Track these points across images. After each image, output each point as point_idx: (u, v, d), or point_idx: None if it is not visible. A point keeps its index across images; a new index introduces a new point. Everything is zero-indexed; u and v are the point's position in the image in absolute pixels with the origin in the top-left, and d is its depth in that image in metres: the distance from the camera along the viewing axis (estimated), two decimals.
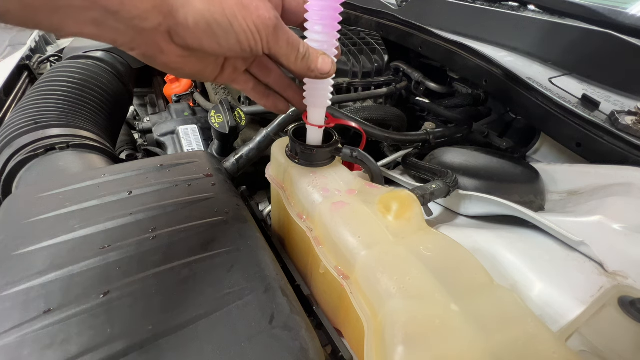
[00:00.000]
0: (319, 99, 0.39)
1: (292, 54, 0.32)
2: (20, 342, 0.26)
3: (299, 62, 0.32)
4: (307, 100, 0.40)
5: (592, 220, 0.43)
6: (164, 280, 0.32)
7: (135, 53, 0.28)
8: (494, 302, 0.30)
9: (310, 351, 0.29)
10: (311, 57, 0.33)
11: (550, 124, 0.62)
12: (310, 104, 0.40)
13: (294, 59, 0.32)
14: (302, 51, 0.32)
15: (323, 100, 0.39)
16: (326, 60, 0.34)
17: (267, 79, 0.40)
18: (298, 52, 0.32)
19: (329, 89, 0.39)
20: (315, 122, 0.41)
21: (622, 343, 0.31)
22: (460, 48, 0.79)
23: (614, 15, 0.78)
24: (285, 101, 0.42)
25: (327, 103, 0.40)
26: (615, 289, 0.36)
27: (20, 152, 0.56)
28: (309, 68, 0.33)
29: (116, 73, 0.94)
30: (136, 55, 0.28)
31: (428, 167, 0.58)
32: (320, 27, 0.34)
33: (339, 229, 0.35)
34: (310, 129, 0.42)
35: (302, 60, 0.32)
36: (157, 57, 0.28)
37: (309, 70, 0.33)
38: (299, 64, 0.33)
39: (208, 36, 0.27)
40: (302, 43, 0.33)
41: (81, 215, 0.38)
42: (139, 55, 0.28)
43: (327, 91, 0.39)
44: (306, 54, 0.32)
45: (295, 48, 0.32)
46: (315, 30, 0.34)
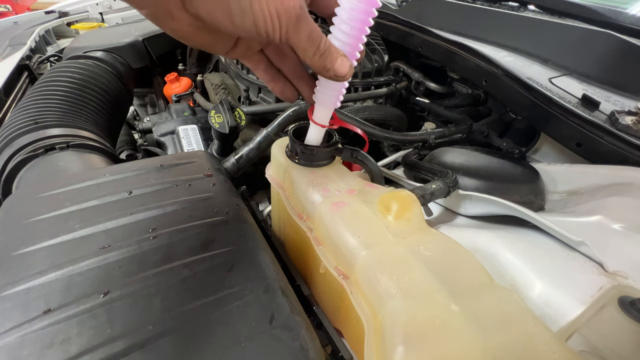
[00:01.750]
0: (329, 99, 0.38)
1: (311, 49, 0.30)
2: (20, 342, 0.26)
3: (316, 58, 0.31)
4: (316, 96, 0.38)
5: (592, 220, 0.43)
6: (164, 280, 0.32)
7: (144, 12, 0.26)
8: (494, 302, 0.30)
9: (310, 351, 0.29)
10: (330, 56, 0.31)
11: (550, 124, 0.62)
12: (319, 102, 0.38)
13: (311, 54, 0.30)
14: (322, 48, 0.30)
15: (333, 101, 0.38)
16: (345, 63, 0.32)
17: (281, 64, 0.38)
18: (318, 48, 0.30)
19: (342, 91, 0.37)
20: (319, 120, 0.40)
21: (622, 343, 0.31)
22: (460, 48, 0.79)
23: (614, 15, 0.78)
24: (294, 90, 0.40)
25: (337, 105, 0.39)
26: (615, 289, 0.36)
27: (20, 152, 0.56)
28: (325, 67, 0.31)
29: (116, 73, 0.94)
30: (145, 14, 0.26)
31: (428, 167, 0.58)
32: (347, 28, 0.32)
33: (339, 229, 0.35)
34: (312, 127, 0.41)
35: (321, 57, 0.31)
36: (167, 22, 0.27)
37: (324, 69, 0.32)
38: (316, 60, 0.31)
39: (222, 12, 0.26)
40: (325, 39, 0.31)
41: (81, 215, 0.38)
42: (148, 15, 0.26)
43: (339, 93, 0.37)
44: (326, 52, 0.31)
45: (316, 43, 0.30)
46: (341, 29, 0.32)
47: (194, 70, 1.25)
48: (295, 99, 0.40)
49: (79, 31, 1.58)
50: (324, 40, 0.30)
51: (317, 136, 0.42)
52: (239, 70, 0.86)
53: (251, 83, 0.83)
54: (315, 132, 0.42)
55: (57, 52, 1.25)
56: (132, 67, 1.09)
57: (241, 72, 0.85)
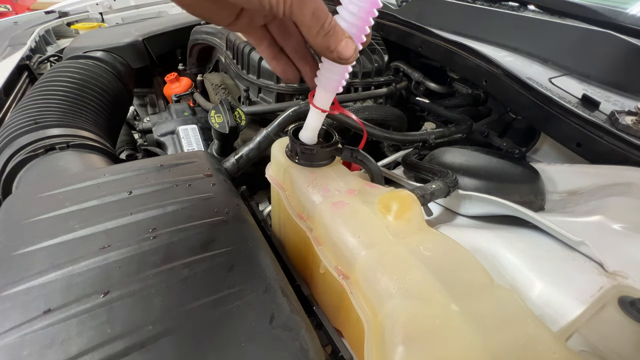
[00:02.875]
0: (332, 83, 0.36)
1: (315, 27, 0.29)
2: (20, 342, 0.26)
3: (319, 38, 0.29)
4: (318, 79, 0.36)
5: (592, 220, 0.43)
6: (164, 280, 0.32)
7: None
8: (494, 302, 0.30)
9: (310, 351, 0.29)
10: (335, 37, 0.30)
11: (550, 124, 0.62)
12: (321, 85, 0.37)
13: (315, 33, 0.29)
14: (327, 27, 0.29)
15: (336, 85, 0.36)
16: (349, 45, 0.30)
17: (284, 42, 0.37)
18: (322, 26, 0.29)
19: (345, 75, 0.35)
20: (320, 104, 0.38)
21: (622, 343, 0.31)
22: (460, 48, 0.79)
23: (614, 15, 0.78)
24: (295, 70, 0.38)
25: (339, 89, 0.37)
26: (615, 289, 0.36)
27: (20, 152, 0.56)
28: (328, 47, 0.30)
29: (116, 73, 0.94)
30: None
31: (428, 167, 0.58)
32: (355, 8, 0.30)
33: (339, 229, 0.35)
34: (312, 112, 0.40)
35: (324, 37, 0.29)
36: None
37: (327, 50, 0.30)
38: (320, 39, 0.30)
39: None
40: (330, 18, 0.29)
41: (81, 215, 0.38)
42: None
43: (342, 77, 0.35)
44: (330, 31, 0.29)
45: (320, 21, 0.29)
46: (349, 10, 0.30)
47: (194, 70, 1.25)
48: (296, 80, 0.39)
49: (79, 31, 1.58)
50: (329, 19, 0.29)
51: (317, 122, 0.41)
52: (239, 70, 0.86)
53: (251, 83, 0.83)
54: (315, 117, 0.40)
55: (57, 52, 1.25)
56: (132, 67, 1.09)
57: (241, 72, 0.85)
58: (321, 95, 0.38)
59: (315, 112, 0.39)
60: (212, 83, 1.00)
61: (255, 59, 0.79)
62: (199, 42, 1.13)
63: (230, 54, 0.91)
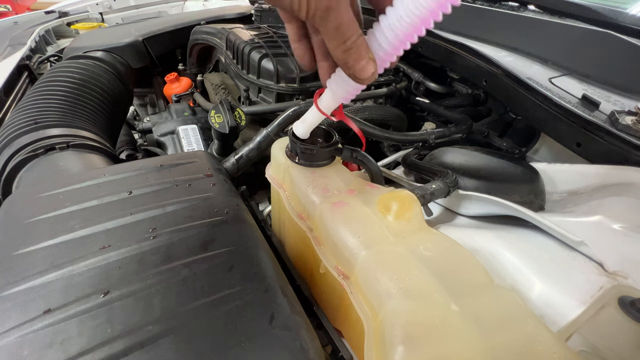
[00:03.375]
0: (342, 92, 0.35)
1: (335, 41, 0.28)
2: (20, 342, 0.26)
3: (339, 52, 0.29)
4: (330, 82, 0.35)
5: (592, 220, 0.43)
6: (164, 280, 0.32)
7: None
8: (494, 302, 0.30)
9: (310, 351, 0.29)
10: (356, 55, 0.29)
11: (550, 124, 0.62)
12: (331, 89, 0.35)
13: (335, 45, 0.28)
14: (349, 44, 0.28)
15: (345, 96, 0.35)
16: (369, 67, 0.29)
17: (312, 31, 0.35)
18: (344, 42, 0.28)
19: (358, 89, 0.34)
20: (323, 107, 0.37)
21: (622, 343, 0.31)
22: (460, 48, 0.79)
23: (614, 15, 0.78)
24: (313, 61, 0.36)
25: (347, 100, 0.36)
26: (615, 289, 0.36)
27: (20, 152, 0.56)
28: (346, 63, 0.29)
29: (116, 73, 0.94)
30: None
31: (428, 167, 0.58)
32: (391, 35, 0.28)
33: (339, 229, 0.35)
34: (312, 111, 0.39)
35: (344, 52, 0.28)
36: None
37: (345, 65, 0.29)
38: (339, 53, 0.29)
39: None
40: (355, 36, 0.28)
41: (81, 215, 0.38)
42: None
43: (354, 90, 0.34)
44: (352, 49, 0.28)
45: (343, 37, 0.28)
46: (384, 33, 0.28)
47: (194, 70, 1.25)
48: (311, 68, 0.37)
49: (79, 31, 1.58)
50: (354, 37, 0.28)
51: (314, 120, 0.40)
52: (239, 70, 0.86)
53: (251, 83, 0.83)
54: (314, 115, 0.39)
55: (57, 52, 1.25)
56: (132, 67, 1.09)
57: (241, 72, 0.85)
58: (328, 98, 0.37)
59: (314, 111, 0.39)
60: (212, 83, 1.00)
61: (255, 59, 0.79)
62: (199, 42, 1.13)
63: (230, 54, 0.91)
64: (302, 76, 0.78)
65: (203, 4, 2.18)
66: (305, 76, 0.79)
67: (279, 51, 0.81)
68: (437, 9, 0.25)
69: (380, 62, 0.30)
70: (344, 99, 0.36)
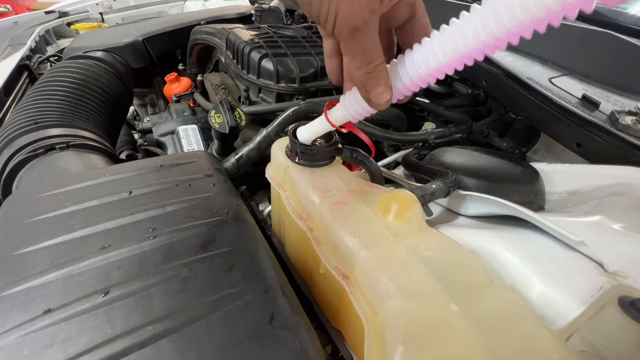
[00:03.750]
0: (353, 112, 0.34)
1: (358, 62, 0.28)
2: (21, 342, 0.26)
3: (359, 73, 0.29)
4: (344, 98, 0.35)
5: (592, 220, 0.43)
6: (164, 280, 0.32)
7: None
8: (494, 302, 0.30)
9: (310, 351, 0.29)
10: (375, 80, 0.29)
11: (550, 124, 0.62)
12: (343, 105, 0.35)
13: (357, 67, 0.29)
14: (370, 68, 0.28)
15: (355, 115, 0.35)
16: (385, 94, 0.29)
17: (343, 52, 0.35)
18: (365, 65, 0.28)
19: (369, 113, 0.34)
20: (332, 119, 0.37)
21: (622, 343, 0.31)
22: None
23: (614, 15, 0.78)
24: (341, 77, 0.37)
25: (355, 120, 0.36)
26: (615, 289, 0.36)
27: (20, 152, 0.56)
28: (364, 86, 0.30)
29: (116, 73, 0.94)
30: None
31: (428, 167, 0.58)
32: (414, 73, 0.28)
33: (339, 229, 0.35)
34: (321, 120, 0.39)
35: (364, 74, 0.29)
36: None
37: (362, 87, 0.30)
38: (359, 75, 0.29)
39: None
40: (378, 62, 0.28)
41: (81, 215, 0.38)
42: None
43: (366, 113, 0.34)
44: (373, 72, 0.29)
45: (365, 60, 0.28)
46: (407, 70, 0.29)
47: (194, 70, 1.25)
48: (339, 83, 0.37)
49: (79, 31, 1.58)
50: (376, 63, 0.28)
51: (320, 130, 0.40)
52: (239, 70, 0.86)
53: (251, 83, 0.83)
54: (321, 125, 0.39)
55: (57, 52, 1.25)
56: (132, 67, 1.09)
57: (241, 72, 0.85)
58: (338, 113, 0.36)
59: (324, 121, 0.38)
60: (212, 83, 1.00)
61: (255, 59, 0.79)
62: (199, 42, 1.13)
63: (230, 54, 0.91)
64: (302, 76, 0.78)
65: (203, 4, 2.18)
66: (305, 76, 0.79)
67: (279, 51, 0.81)
68: (462, 60, 0.25)
69: (397, 93, 0.30)
70: (353, 118, 0.36)
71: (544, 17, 0.19)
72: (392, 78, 0.30)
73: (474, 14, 0.23)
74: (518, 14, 0.20)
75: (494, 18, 0.21)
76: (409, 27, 0.31)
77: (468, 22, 0.23)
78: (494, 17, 0.21)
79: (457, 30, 0.24)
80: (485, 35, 0.22)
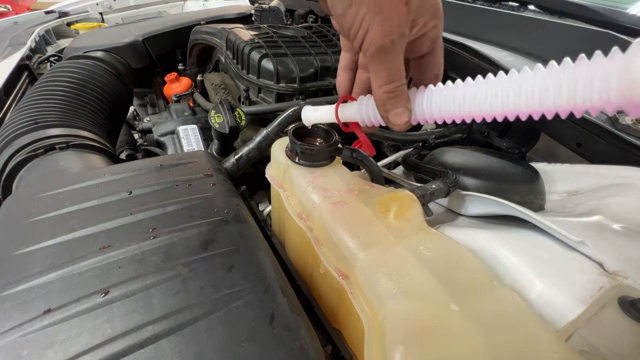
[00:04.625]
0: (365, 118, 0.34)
1: (382, 80, 0.29)
2: (20, 342, 0.26)
3: (380, 91, 0.29)
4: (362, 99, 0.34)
5: (592, 220, 0.43)
6: (164, 280, 0.32)
7: None
8: (494, 302, 0.30)
9: (310, 351, 0.29)
10: (395, 100, 0.29)
11: (550, 124, 0.62)
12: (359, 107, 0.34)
13: (379, 85, 0.29)
14: (391, 88, 0.29)
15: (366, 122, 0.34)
16: (403, 116, 0.30)
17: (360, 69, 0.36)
18: (387, 84, 0.29)
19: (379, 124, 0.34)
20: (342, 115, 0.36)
21: (622, 343, 0.31)
22: (460, 48, 0.79)
23: (614, 15, 0.78)
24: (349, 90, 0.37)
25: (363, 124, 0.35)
26: (615, 289, 0.36)
27: (20, 152, 0.56)
28: (383, 105, 0.30)
29: (116, 73, 0.94)
30: None
31: (428, 167, 0.58)
32: (436, 109, 0.28)
33: (339, 229, 0.35)
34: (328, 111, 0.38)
35: (386, 93, 0.29)
36: None
37: (381, 106, 0.30)
38: (380, 93, 0.29)
39: None
40: (400, 81, 0.29)
41: (81, 215, 0.38)
42: None
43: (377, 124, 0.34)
44: (394, 92, 0.29)
45: (388, 80, 0.29)
46: (430, 104, 0.29)
47: (194, 70, 1.25)
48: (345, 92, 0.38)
49: (79, 31, 1.58)
50: (399, 83, 0.29)
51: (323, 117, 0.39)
52: (239, 70, 0.86)
53: (251, 83, 0.83)
54: (325, 115, 0.38)
55: (57, 52, 1.25)
56: (132, 67, 1.09)
57: (241, 72, 0.85)
58: (350, 111, 0.36)
59: (331, 113, 0.37)
60: (212, 83, 1.00)
61: (255, 59, 0.79)
62: (199, 42, 1.13)
63: (230, 54, 0.91)
64: (302, 76, 0.78)
65: (203, 4, 2.18)
66: (305, 76, 0.79)
67: (279, 51, 0.81)
68: (485, 114, 0.26)
69: (416, 118, 0.30)
70: (362, 122, 0.35)
71: (581, 108, 0.21)
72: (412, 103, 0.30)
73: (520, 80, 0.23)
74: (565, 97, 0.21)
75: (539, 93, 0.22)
76: (425, 61, 0.32)
77: (505, 85, 0.25)
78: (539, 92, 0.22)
79: (495, 88, 0.26)
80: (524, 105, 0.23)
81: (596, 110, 0.20)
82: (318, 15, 1.30)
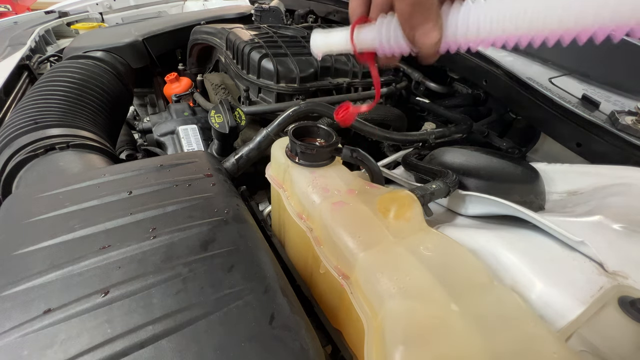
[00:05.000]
0: (386, 40, 0.29)
1: None
2: (20, 342, 0.26)
3: (402, 4, 0.24)
4: (383, 19, 0.29)
5: (592, 220, 0.43)
6: (163, 280, 0.32)
7: None
8: (494, 302, 0.30)
9: (310, 351, 0.29)
10: (423, 13, 0.24)
11: (550, 124, 0.62)
12: (379, 27, 0.29)
13: None
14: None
15: (385, 46, 0.29)
16: (433, 35, 0.24)
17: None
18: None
19: (402, 52, 0.29)
20: (358, 40, 0.31)
21: (622, 343, 0.31)
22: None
23: None
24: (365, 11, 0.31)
25: (382, 50, 0.30)
26: (615, 289, 0.36)
27: (20, 152, 0.56)
28: (408, 21, 0.24)
29: (116, 73, 0.94)
30: None
31: (428, 167, 0.58)
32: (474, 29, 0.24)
33: (339, 229, 0.35)
34: (341, 35, 0.32)
35: (408, 5, 0.24)
36: None
37: (406, 21, 0.25)
38: (402, 6, 0.24)
39: None
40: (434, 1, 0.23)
41: (81, 215, 0.38)
42: None
43: (398, 50, 0.29)
44: (422, 4, 0.23)
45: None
46: (467, 23, 0.24)
47: (194, 70, 1.25)
48: (358, 14, 0.31)
49: (79, 31, 1.58)
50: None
51: (336, 42, 0.33)
52: (239, 70, 0.86)
53: (251, 83, 0.83)
54: (338, 39, 0.33)
55: (57, 52, 1.25)
56: (132, 67, 1.09)
57: (241, 72, 0.85)
58: (369, 35, 0.30)
59: (346, 37, 0.31)
60: (212, 83, 1.00)
61: (255, 59, 0.79)
62: (199, 42, 1.13)
63: (230, 54, 0.91)
64: (302, 76, 0.78)
65: (203, 4, 2.18)
66: (305, 76, 0.79)
67: (279, 51, 0.81)
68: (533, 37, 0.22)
69: (445, 44, 0.25)
70: (382, 49, 0.30)
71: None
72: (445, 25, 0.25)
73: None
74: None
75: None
76: None
77: None
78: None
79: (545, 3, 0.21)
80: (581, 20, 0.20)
81: None
82: (318, 15, 1.30)
